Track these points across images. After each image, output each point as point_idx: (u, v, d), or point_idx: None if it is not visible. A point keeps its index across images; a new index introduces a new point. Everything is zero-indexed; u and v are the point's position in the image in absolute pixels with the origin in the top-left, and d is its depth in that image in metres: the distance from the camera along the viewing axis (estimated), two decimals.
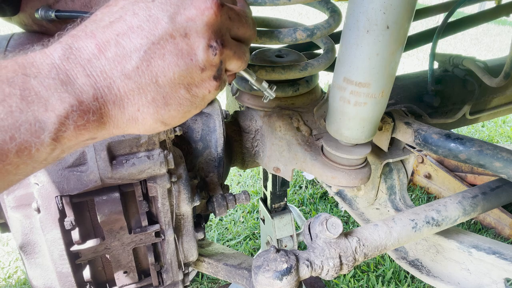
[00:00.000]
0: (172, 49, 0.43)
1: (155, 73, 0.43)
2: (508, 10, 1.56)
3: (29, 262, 0.76)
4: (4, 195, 0.70)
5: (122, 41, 0.42)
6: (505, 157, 0.81)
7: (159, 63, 0.43)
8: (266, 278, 0.72)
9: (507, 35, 7.72)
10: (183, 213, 0.86)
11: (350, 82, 0.76)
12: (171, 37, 0.43)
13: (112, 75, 0.41)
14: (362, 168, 0.93)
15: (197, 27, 0.44)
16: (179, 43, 0.43)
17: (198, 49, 0.44)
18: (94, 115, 0.41)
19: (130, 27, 0.42)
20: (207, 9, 0.44)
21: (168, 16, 0.43)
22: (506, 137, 3.58)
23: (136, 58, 0.42)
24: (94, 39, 0.41)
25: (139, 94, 0.43)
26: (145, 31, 0.42)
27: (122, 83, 0.42)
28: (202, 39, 0.44)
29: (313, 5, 1.08)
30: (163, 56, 0.43)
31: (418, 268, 1.04)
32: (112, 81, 0.42)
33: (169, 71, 0.44)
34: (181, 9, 0.43)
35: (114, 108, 0.43)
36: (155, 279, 0.89)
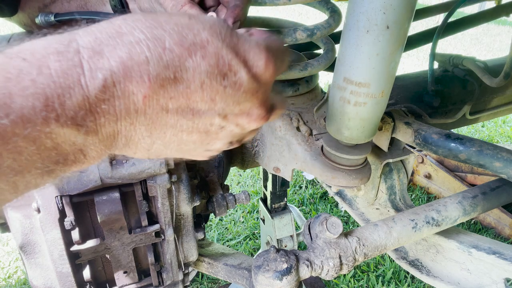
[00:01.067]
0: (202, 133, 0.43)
1: (172, 143, 0.43)
2: (508, 10, 1.56)
3: (29, 262, 0.76)
4: None
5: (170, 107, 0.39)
6: (505, 157, 0.81)
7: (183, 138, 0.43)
8: (266, 278, 0.72)
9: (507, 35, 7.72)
10: (183, 213, 0.86)
11: (350, 82, 0.76)
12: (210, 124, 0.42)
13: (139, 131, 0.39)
14: (362, 168, 0.93)
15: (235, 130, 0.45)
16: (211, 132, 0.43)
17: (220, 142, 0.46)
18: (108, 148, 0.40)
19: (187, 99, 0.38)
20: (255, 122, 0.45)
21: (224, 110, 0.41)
22: (506, 137, 3.58)
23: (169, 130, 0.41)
24: (147, 88, 0.36)
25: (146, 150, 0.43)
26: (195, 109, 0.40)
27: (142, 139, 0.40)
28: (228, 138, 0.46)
29: (313, 5, 1.08)
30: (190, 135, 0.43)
31: (418, 268, 1.04)
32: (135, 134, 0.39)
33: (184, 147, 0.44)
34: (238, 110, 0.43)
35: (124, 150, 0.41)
36: (155, 279, 0.89)
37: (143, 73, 0.35)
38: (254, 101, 0.43)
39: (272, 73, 0.43)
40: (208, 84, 0.38)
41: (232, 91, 0.40)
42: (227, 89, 0.40)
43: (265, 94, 0.44)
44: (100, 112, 0.34)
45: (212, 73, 0.38)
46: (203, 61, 0.38)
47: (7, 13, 0.83)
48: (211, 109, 0.40)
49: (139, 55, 0.35)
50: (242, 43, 0.41)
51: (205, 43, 0.38)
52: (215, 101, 0.40)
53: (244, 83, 0.40)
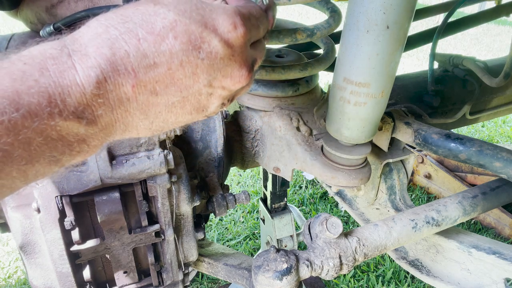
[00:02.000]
0: (194, 103, 0.46)
1: (169, 117, 0.46)
2: (508, 10, 1.56)
3: (29, 262, 0.76)
4: None
5: (158, 89, 0.42)
6: (505, 157, 0.81)
7: (178, 111, 0.46)
8: (266, 278, 0.72)
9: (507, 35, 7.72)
10: (183, 213, 0.86)
11: (350, 82, 0.76)
12: (199, 94, 0.46)
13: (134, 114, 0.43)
14: (362, 168, 0.93)
15: (222, 93, 0.48)
16: (202, 100, 0.47)
17: (213, 105, 0.49)
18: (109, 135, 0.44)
19: (171, 78, 0.42)
20: (240, 83, 0.47)
21: (207, 80, 0.44)
22: (506, 137, 3.58)
23: (162, 108, 0.44)
24: (134, 78, 0.40)
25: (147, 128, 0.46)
26: (182, 86, 0.43)
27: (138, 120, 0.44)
28: (220, 100, 0.49)
29: (313, 5, 1.08)
30: (184, 107, 0.46)
31: (418, 268, 1.04)
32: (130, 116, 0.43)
33: (181, 118, 0.47)
34: (221, 77, 0.45)
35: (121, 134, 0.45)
36: (155, 279, 0.89)
37: (127, 66, 0.39)
38: (233, 64, 0.46)
39: (244, 33, 0.45)
40: (186, 61, 0.42)
41: (210, 61, 0.43)
42: (204, 60, 0.43)
43: (242, 54, 0.46)
44: (97, 104, 0.39)
45: (187, 49, 0.42)
46: (176, 41, 0.41)
47: (7, 6, 0.82)
48: (196, 81, 0.44)
49: (119, 50, 0.39)
50: (209, 14, 0.44)
51: (174, 24, 0.41)
52: (197, 74, 0.43)
53: (219, 50, 0.44)
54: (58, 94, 0.36)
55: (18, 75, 0.35)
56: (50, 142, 0.37)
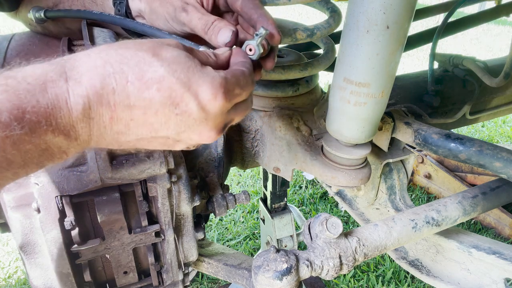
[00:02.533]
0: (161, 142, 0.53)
1: (137, 146, 0.53)
2: (508, 10, 1.56)
3: (29, 262, 0.76)
4: (4, 195, 0.70)
5: (132, 126, 0.48)
6: (505, 157, 0.81)
7: (145, 144, 0.53)
8: (266, 278, 0.72)
9: (507, 35, 7.72)
10: (183, 213, 0.86)
11: (350, 82, 0.76)
12: (167, 138, 0.52)
13: (107, 139, 0.49)
14: (362, 168, 0.93)
15: (189, 142, 0.55)
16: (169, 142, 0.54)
17: (178, 147, 0.57)
18: None
19: (144, 122, 0.48)
20: (207, 141, 0.54)
21: (176, 131, 0.51)
22: (506, 137, 3.58)
23: (133, 140, 0.51)
24: (113, 112, 0.46)
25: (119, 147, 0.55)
26: (153, 130, 0.50)
27: (109, 145, 0.51)
28: (185, 146, 0.56)
29: (313, 5, 1.08)
30: (150, 144, 0.53)
31: (418, 268, 1.04)
32: (103, 141, 0.49)
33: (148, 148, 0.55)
34: (190, 131, 0.52)
35: None
36: (155, 279, 0.89)
37: (110, 101, 0.46)
38: (204, 126, 0.51)
39: (222, 105, 0.51)
40: (161, 111, 0.48)
41: (183, 118, 0.49)
42: (178, 116, 0.49)
43: (215, 120, 0.52)
44: (79, 127, 0.45)
45: (165, 103, 0.48)
46: (158, 93, 0.47)
47: (6, 8, 0.82)
48: (166, 129, 0.50)
49: (108, 86, 0.45)
50: (196, 79, 0.49)
51: (161, 78, 0.47)
52: (168, 124, 0.49)
53: (194, 112, 0.49)
54: (52, 115, 0.42)
55: (23, 94, 0.40)
56: (40, 152, 0.43)
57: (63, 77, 0.44)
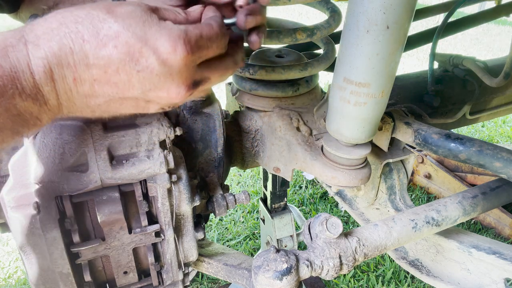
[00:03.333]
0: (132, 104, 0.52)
1: (109, 109, 0.52)
2: (508, 10, 1.56)
3: (29, 262, 0.76)
4: (4, 195, 0.70)
5: (96, 87, 0.48)
6: (505, 157, 0.81)
7: (116, 106, 0.52)
8: (266, 278, 0.72)
9: (507, 35, 7.72)
10: (183, 213, 0.86)
11: (350, 82, 0.76)
12: (136, 99, 0.51)
13: (77, 102, 0.49)
14: (362, 168, 0.93)
15: (161, 102, 0.53)
16: (140, 103, 0.53)
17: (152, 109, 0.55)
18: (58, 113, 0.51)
19: (107, 81, 0.48)
20: (176, 98, 0.52)
21: (142, 90, 0.49)
22: (506, 137, 3.58)
23: (101, 101, 0.50)
24: (74, 73, 0.46)
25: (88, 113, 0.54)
26: (118, 89, 0.49)
27: (81, 108, 0.51)
28: (158, 107, 0.54)
29: (313, 5, 1.08)
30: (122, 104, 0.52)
31: (418, 268, 1.04)
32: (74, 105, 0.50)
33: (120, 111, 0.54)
34: (157, 89, 0.50)
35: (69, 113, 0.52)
36: (155, 279, 0.89)
37: (69, 61, 0.45)
38: (170, 81, 0.50)
39: (184, 56, 0.48)
40: (122, 69, 0.47)
41: (145, 74, 0.48)
42: (140, 73, 0.47)
43: (181, 74, 0.50)
44: (45, 91, 0.46)
45: (124, 59, 0.46)
46: (115, 50, 0.46)
47: (6, 10, 0.83)
48: (131, 88, 0.49)
49: (65, 46, 0.45)
50: (153, 32, 0.48)
51: (116, 34, 0.46)
52: (132, 83, 0.48)
53: (156, 67, 0.48)
54: (17, 78, 0.43)
55: None
56: (12, 117, 0.44)
57: (21, 41, 0.44)
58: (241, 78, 1.08)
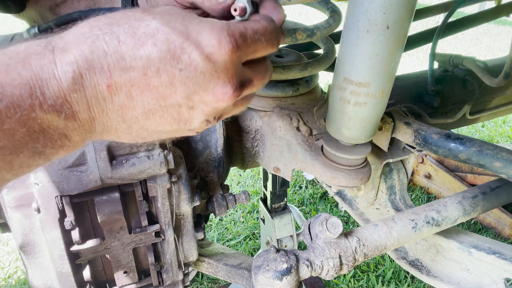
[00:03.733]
0: (173, 114, 0.46)
1: (149, 125, 0.46)
2: (508, 10, 1.56)
3: (29, 262, 0.76)
4: (4, 195, 0.70)
5: (134, 94, 0.42)
6: (505, 157, 0.81)
7: (156, 120, 0.46)
8: (266, 278, 0.72)
9: (507, 35, 7.72)
10: (183, 213, 0.86)
11: (350, 82, 0.76)
12: (178, 106, 0.45)
13: (111, 116, 0.43)
14: (362, 168, 0.93)
15: (205, 108, 0.46)
16: (182, 112, 0.46)
17: (196, 120, 0.47)
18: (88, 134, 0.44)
19: (147, 85, 0.42)
20: (223, 100, 0.45)
21: (186, 92, 0.44)
22: (506, 137, 3.58)
23: (139, 112, 0.44)
24: (108, 79, 0.41)
25: (126, 133, 0.47)
26: (158, 95, 0.43)
27: (116, 124, 0.44)
28: (203, 116, 0.47)
29: (313, 5, 1.08)
30: (162, 117, 0.45)
31: (418, 268, 1.04)
32: (108, 120, 0.44)
33: (161, 127, 0.47)
34: (201, 91, 0.44)
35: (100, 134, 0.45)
36: (155, 279, 0.89)
37: (103, 65, 0.40)
38: (215, 80, 0.44)
39: (230, 50, 0.44)
40: (163, 69, 0.42)
41: (189, 73, 0.43)
42: (183, 72, 0.42)
43: (227, 71, 0.45)
44: (74, 100, 0.40)
45: (165, 58, 0.41)
46: (154, 48, 0.41)
47: (13, 9, 0.83)
48: (173, 92, 0.43)
49: (98, 49, 0.40)
50: (194, 27, 0.43)
51: (155, 31, 0.41)
52: (174, 84, 0.43)
53: (199, 64, 0.42)
54: (38, 86, 0.38)
55: (3, 68, 0.37)
56: (32, 134, 0.39)
57: (48, 48, 0.40)
58: None
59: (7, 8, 0.81)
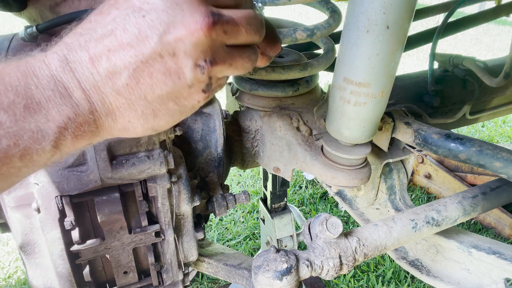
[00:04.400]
0: (160, 68, 0.45)
1: (144, 90, 0.45)
2: (508, 10, 1.56)
3: (29, 262, 0.76)
4: (4, 195, 0.70)
5: (113, 57, 0.43)
6: (505, 157, 0.81)
7: (147, 81, 0.45)
8: (266, 278, 0.72)
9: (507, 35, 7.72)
10: (183, 213, 0.86)
11: (350, 82, 0.76)
12: (159, 56, 0.44)
13: (104, 90, 0.44)
14: (362, 168, 0.93)
15: (185, 47, 0.44)
16: (167, 62, 0.44)
17: (186, 68, 0.45)
18: (90, 126, 0.45)
19: (120, 44, 0.43)
20: (197, 31, 0.43)
21: (157, 35, 0.43)
22: (506, 137, 3.58)
23: (126, 75, 0.44)
24: (87, 52, 0.43)
25: (130, 109, 0.46)
26: (134, 49, 0.43)
27: (113, 98, 0.45)
28: (189, 59, 0.45)
29: (313, 5, 1.08)
30: (152, 75, 0.45)
31: (418, 268, 1.04)
32: (104, 96, 0.45)
33: (157, 89, 0.46)
34: (171, 28, 0.43)
35: (107, 119, 0.46)
36: (155, 279, 0.89)
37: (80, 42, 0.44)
38: (180, 12, 0.43)
39: None
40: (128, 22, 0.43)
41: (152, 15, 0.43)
42: (146, 17, 0.43)
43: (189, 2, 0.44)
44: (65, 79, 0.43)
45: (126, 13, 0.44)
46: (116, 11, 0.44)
47: (15, 8, 0.83)
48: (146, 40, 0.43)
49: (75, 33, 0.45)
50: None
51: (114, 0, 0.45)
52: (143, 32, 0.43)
53: (158, 2, 0.43)
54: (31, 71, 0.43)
55: None
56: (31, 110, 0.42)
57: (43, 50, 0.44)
58: (241, 78, 1.08)
59: (8, 6, 0.81)
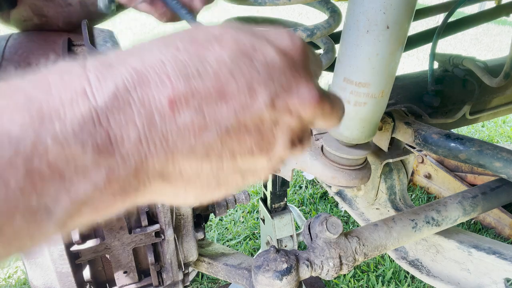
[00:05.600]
0: (255, 135, 0.34)
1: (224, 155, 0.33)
2: (508, 10, 1.56)
3: (29, 262, 0.76)
4: None
5: (204, 108, 0.30)
6: (505, 157, 0.81)
7: (235, 147, 0.33)
8: (266, 278, 0.72)
9: (507, 35, 7.72)
10: (183, 213, 0.86)
11: (350, 82, 0.76)
12: (260, 120, 0.33)
13: (175, 147, 0.30)
14: (362, 168, 0.93)
15: (290, 121, 0.35)
16: (265, 131, 0.34)
17: (278, 144, 0.36)
18: (125, 193, 0.30)
19: (220, 92, 0.31)
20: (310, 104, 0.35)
21: (268, 96, 0.33)
22: (506, 137, 3.58)
23: (214, 134, 0.31)
24: (169, 89, 0.29)
25: (196, 176, 0.33)
26: (236, 103, 0.32)
27: (183, 161, 0.31)
28: (288, 134, 0.36)
29: (313, 5, 1.08)
30: (241, 141, 0.33)
31: (418, 268, 1.04)
32: (171, 156, 0.30)
33: (239, 159, 0.34)
34: (284, 93, 0.34)
35: (155, 182, 0.31)
36: (155, 279, 0.89)
37: (161, 74, 0.29)
38: (297, 78, 0.35)
39: (301, 45, 0.36)
40: (237, 70, 0.32)
41: (267, 70, 0.33)
42: (261, 72, 0.33)
43: (305, 69, 0.36)
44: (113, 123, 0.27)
45: (236, 57, 0.32)
46: (223, 50, 0.32)
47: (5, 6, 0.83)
48: (254, 98, 0.32)
49: (152, 59, 0.30)
50: (257, 29, 0.36)
51: (220, 35, 0.33)
52: (254, 88, 0.32)
53: (276, 59, 0.34)
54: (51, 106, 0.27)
55: None
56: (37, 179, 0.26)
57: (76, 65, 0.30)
58: None
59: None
